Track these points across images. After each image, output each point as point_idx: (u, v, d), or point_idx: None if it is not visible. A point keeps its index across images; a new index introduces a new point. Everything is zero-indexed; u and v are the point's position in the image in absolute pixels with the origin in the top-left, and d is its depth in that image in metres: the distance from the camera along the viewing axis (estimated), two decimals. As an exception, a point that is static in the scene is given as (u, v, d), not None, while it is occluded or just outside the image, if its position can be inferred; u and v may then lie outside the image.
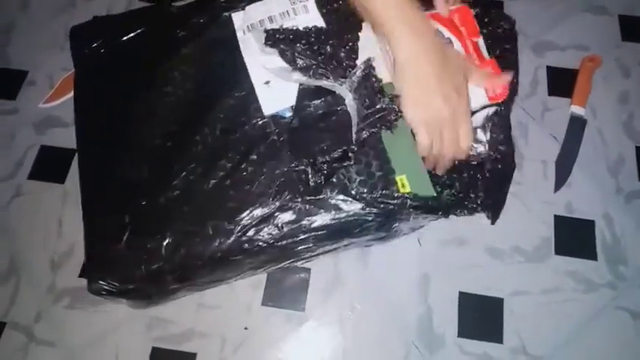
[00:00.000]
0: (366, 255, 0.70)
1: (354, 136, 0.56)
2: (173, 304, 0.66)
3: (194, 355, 0.66)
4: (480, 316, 0.67)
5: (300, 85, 0.59)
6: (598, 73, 0.80)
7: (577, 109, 0.77)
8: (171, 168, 0.59)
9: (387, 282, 0.69)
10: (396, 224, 0.60)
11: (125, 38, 0.67)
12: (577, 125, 0.76)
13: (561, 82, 0.80)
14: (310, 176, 0.56)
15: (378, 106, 0.55)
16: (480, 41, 0.59)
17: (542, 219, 0.72)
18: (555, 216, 0.72)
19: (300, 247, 0.58)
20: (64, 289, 0.69)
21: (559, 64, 0.82)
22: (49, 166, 0.76)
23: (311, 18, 0.63)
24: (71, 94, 0.76)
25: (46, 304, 0.68)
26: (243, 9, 0.65)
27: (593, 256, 0.70)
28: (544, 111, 0.78)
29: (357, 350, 0.66)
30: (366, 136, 0.55)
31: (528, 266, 0.69)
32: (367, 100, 0.56)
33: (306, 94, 0.59)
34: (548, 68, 0.81)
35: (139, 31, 0.67)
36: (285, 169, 0.57)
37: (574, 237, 0.71)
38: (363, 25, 0.60)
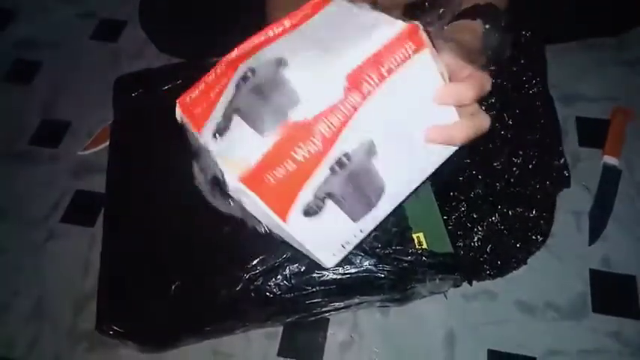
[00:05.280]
0: (388, 307, 0.67)
1: None
2: (189, 350, 0.65)
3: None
4: (512, 378, 0.62)
5: None
6: (630, 125, 0.78)
7: (610, 159, 0.74)
8: (187, 214, 0.59)
9: (410, 337, 0.65)
10: (412, 285, 0.57)
11: (163, 89, 0.70)
12: (611, 175, 0.73)
13: (592, 133, 0.78)
14: None
15: None
16: None
17: (576, 273, 0.68)
18: (591, 270, 0.68)
19: (309, 302, 0.57)
20: (85, 332, 0.69)
21: (589, 114, 0.80)
22: (81, 210, 0.79)
23: None
24: (108, 142, 0.81)
25: (66, 347, 0.68)
26: None
27: (637, 315, 0.64)
28: (575, 162, 0.76)
29: (377, 409, 0.62)
30: None
31: (563, 324, 0.64)
32: None
33: None
34: (578, 118, 0.80)
35: (176, 82, 0.70)
36: None
37: (614, 293, 0.66)
38: None
